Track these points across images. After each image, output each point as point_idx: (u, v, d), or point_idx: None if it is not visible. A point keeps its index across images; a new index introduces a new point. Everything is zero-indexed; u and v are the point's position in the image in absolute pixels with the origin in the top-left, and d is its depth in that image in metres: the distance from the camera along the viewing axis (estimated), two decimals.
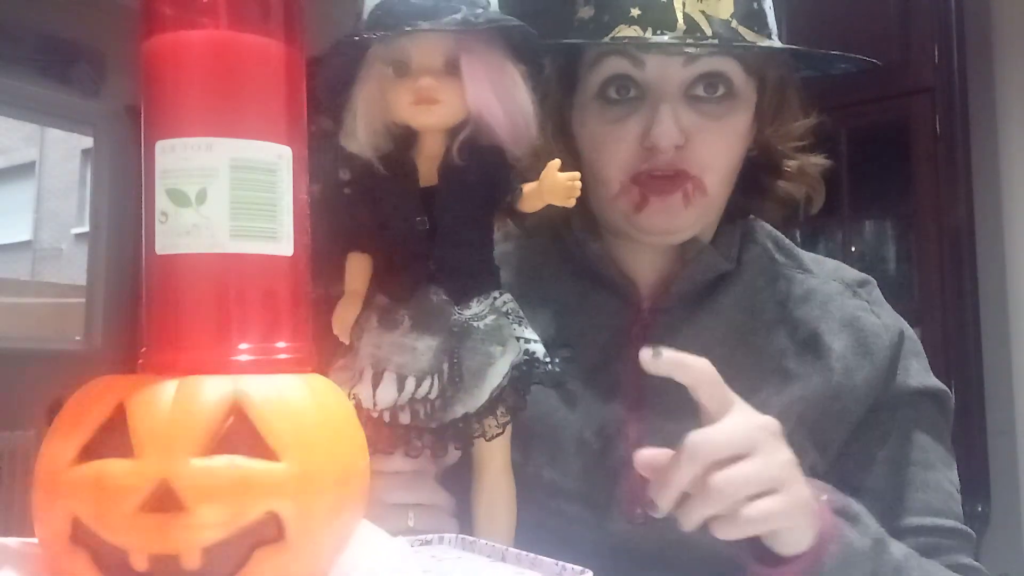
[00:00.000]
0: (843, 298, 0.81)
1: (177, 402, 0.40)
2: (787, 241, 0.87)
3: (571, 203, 0.60)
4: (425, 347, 0.61)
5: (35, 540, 0.43)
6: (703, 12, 0.71)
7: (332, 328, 0.62)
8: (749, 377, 0.76)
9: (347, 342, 0.63)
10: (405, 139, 0.63)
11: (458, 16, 0.58)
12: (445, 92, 0.60)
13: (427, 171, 0.62)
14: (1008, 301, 2.13)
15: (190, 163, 0.43)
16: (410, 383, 0.61)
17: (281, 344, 0.45)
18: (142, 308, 0.45)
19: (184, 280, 0.44)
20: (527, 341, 0.64)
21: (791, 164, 0.81)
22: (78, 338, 3.76)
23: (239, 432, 0.40)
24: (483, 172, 0.62)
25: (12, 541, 0.45)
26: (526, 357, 0.63)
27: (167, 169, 0.43)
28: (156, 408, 0.40)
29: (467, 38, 0.59)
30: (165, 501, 0.38)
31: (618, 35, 0.72)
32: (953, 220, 2.02)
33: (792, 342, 0.78)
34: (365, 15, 0.60)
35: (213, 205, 0.43)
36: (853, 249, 2.24)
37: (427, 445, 0.62)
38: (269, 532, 0.40)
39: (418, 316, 0.61)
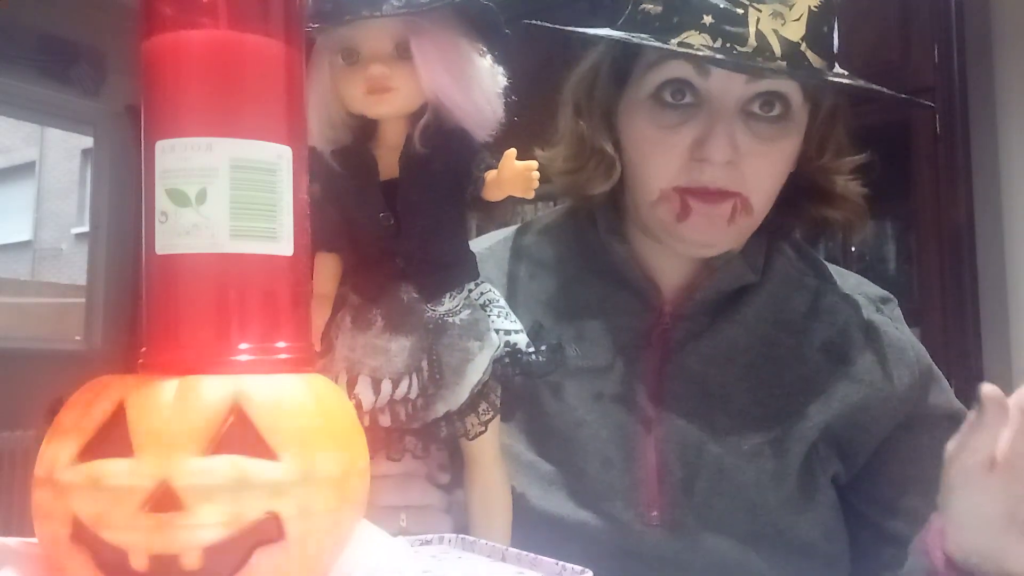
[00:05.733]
0: (867, 312, 0.81)
1: (177, 402, 0.40)
2: (812, 253, 0.86)
3: (529, 195, 0.56)
4: (399, 348, 0.60)
5: (35, 540, 0.43)
6: (775, 32, 0.68)
7: None
8: (772, 388, 0.76)
9: (316, 348, 0.61)
10: (364, 130, 0.60)
11: None
12: (398, 78, 0.57)
13: (390, 162, 0.60)
14: (1008, 301, 2.13)
15: (190, 163, 0.43)
16: (386, 385, 0.59)
17: (281, 344, 0.45)
18: (142, 308, 0.45)
19: (184, 280, 0.43)
20: (508, 332, 0.62)
21: (836, 189, 0.79)
22: (78, 338, 3.76)
23: (239, 432, 0.40)
24: (447, 160, 0.59)
25: (12, 541, 0.45)
26: (508, 349, 0.61)
27: (167, 169, 0.43)
28: (156, 408, 0.40)
29: (416, 20, 0.56)
30: (165, 501, 0.38)
31: (687, 40, 0.69)
32: (953, 220, 2.02)
33: (815, 353, 0.77)
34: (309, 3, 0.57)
35: (213, 205, 0.43)
36: (853, 249, 2.24)
37: (408, 447, 0.61)
38: (269, 532, 0.40)
39: (390, 315, 0.60)
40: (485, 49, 0.60)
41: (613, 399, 0.77)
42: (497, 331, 0.61)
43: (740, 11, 0.68)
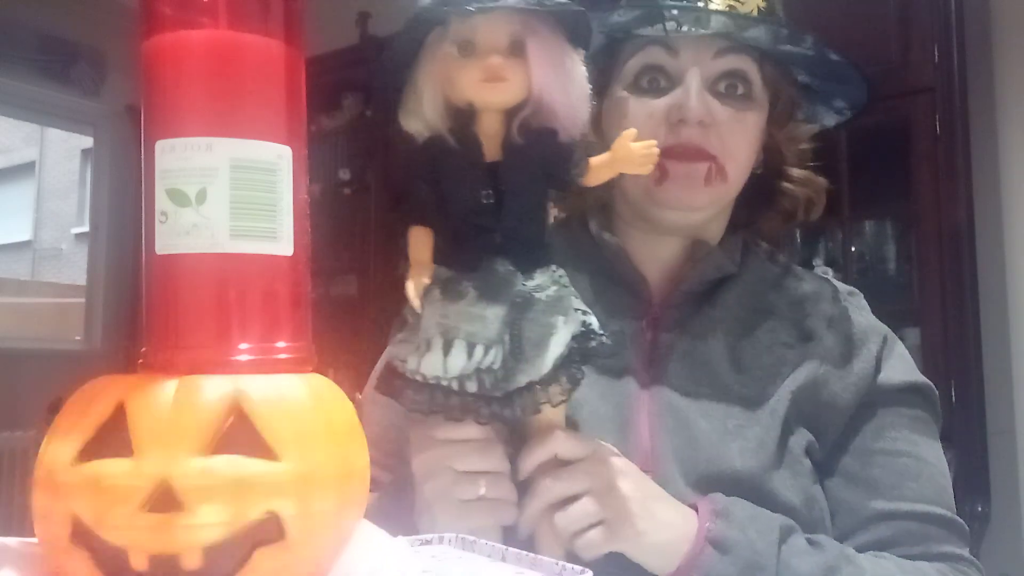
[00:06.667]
0: (833, 301, 0.89)
1: (177, 402, 0.40)
2: (781, 256, 0.94)
3: (647, 170, 0.64)
4: (493, 315, 0.63)
5: (35, 540, 0.43)
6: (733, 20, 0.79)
7: (398, 298, 0.64)
8: (750, 365, 0.83)
9: (419, 309, 0.64)
10: (464, 118, 0.65)
11: None
12: (511, 71, 0.62)
13: (489, 147, 0.65)
14: (1008, 301, 2.13)
15: (190, 163, 0.43)
16: (479, 351, 0.62)
17: (281, 344, 0.45)
18: (142, 308, 0.45)
19: (184, 280, 0.44)
20: (584, 313, 0.66)
21: (796, 171, 0.88)
22: (78, 338, 3.77)
23: (239, 432, 0.40)
24: (541, 151, 0.64)
25: (12, 541, 0.45)
26: (583, 328, 0.66)
27: (167, 169, 0.43)
28: (156, 408, 0.40)
29: (532, 20, 0.62)
30: (165, 501, 0.38)
31: (656, 29, 0.79)
32: (953, 220, 2.02)
33: (787, 336, 0.85)
34: None
35: (213, 205, 0.43)
36: (853, 249, 2.24)
37: (495, 413, 0.64)
38: (269, 532, 0.40)
39: (484, 286, 0.63)
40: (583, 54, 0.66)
41: (609, 384, 0.82)
42: (576, 310, 0.66)
43: (700, 2, 0.78)
